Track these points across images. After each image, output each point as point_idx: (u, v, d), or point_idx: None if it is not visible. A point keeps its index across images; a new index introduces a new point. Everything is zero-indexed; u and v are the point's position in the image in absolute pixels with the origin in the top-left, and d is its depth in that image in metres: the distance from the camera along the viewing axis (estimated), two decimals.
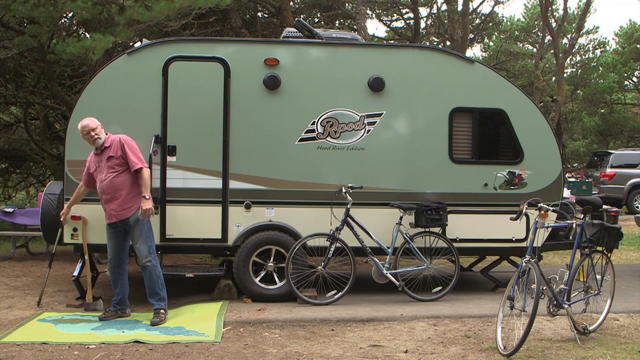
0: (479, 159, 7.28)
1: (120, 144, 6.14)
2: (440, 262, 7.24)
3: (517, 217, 5.58)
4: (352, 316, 6.19)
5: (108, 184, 6.08)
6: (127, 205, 6.10)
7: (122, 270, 6.33)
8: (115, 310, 6.29)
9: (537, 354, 5.11)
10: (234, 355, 5.10)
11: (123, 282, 6.34)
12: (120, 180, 6.09)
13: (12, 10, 8.45)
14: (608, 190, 16.96)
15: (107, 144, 6.16)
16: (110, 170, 6.10)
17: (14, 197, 21.07)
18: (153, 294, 6.21)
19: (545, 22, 22.50)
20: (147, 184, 6.12)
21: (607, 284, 5.93)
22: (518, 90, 7.52)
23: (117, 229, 6.20)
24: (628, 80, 34.22)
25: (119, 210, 6.09)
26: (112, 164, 6.11)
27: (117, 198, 6.08)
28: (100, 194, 6.17)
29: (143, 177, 6.12)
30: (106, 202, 6.13)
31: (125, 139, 6.19)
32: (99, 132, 6.13)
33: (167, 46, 6.96)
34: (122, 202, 6.08)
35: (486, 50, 34.05)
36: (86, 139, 6.16)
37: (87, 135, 6.12)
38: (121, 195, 6.08)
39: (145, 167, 6.16)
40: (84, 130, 6.13)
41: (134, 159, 6.11)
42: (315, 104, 7.06)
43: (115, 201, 6.08)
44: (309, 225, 6.89)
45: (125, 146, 6.13)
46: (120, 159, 6.11)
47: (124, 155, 6.11)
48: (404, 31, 23.42)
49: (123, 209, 6.09)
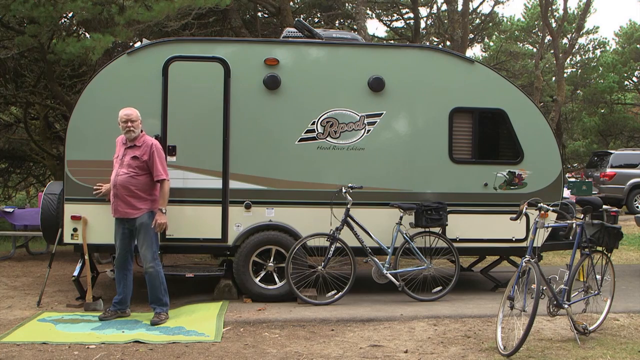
0: (479, 159, 7.28)
1: (150, 150, 6.11)
2: (440, 262, 7.24)
3: (517, 217, 5.58)
4: (352, 316, 6.19)
5: (123, 181, 6.07)
6: (134, 206, 6.09)
7: (127, 271, 6.32)
8: (115, 310, 6.28)
9: (537, 354, 5.11)
10: (234, 355, 5.10)
11: (127, 283, 6.33)
12: (136, 182, 6.08)
13: (12, 10, 8.44)
14: (608, 190, 16.96)
15: (138, 142, 6.14)
16: (130, 169, 6.08)
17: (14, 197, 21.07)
18: (156, 299, 6.20)
19: (545, 22, 22.51)
20: (166, 197, 6.17)
21: (607, 284, 5.93)
22: (518, 90, 7.52)
23: (124, 228, 6.18)
24: (628, 80, 34.22)
25: (125, 208, 6.09)
26: (134, 165, 6.09)
27: (127, 197, 6.08)
28: (112, 185, 6.15)
29: (164, 190, 6.15)
30: (114, 196, 6.12)
31: (157, 147, 6.18)
32: (135, 126, 6.10)
33: (167, 46, 6.96)
34: (130, 202, 6.08)
35: (486, 50, 34.06)
36: (121, 126, 6.13)
37: (123, 123, 6.10)
38: (131, 196, 6.08)
39: (167, 180, 6.18)
40: (122, 118, 6.11)
41: (160, 169, 6.12)
42: (315, 104, 7.06)
43: (123, 199, 6.08)
44: (309, 225, 6.89)
45: (155, 154, 6.11)
46: (145, 164, 6.10)
47: (150, 162, 6.10)
48: (404, 31, 23.41)
49: (129, 209, 6.09)
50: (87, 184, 6.72)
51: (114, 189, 6.11)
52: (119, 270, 6.28)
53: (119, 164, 6.15)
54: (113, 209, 6.15)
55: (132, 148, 6.14)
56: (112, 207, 6.17)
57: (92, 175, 6.71)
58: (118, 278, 6.29)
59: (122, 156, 6.16)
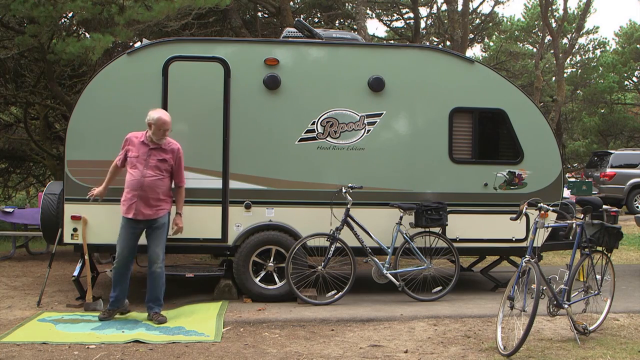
0: (479, 159, 7.28)
1: (177, 155, 6.25)
2: (440, 262, 7.24)
3: (517, 217, 5.58)
4: (352, 316, 6.19)
5: (150, 183, 6.08)
6: (158, 207, 6.14)
7: (128, 271, 6.30)
8: (112, 309, 6.23)
9: (537, 354, 5.11)
10: (234, 355, 5.10)
11: (125, 284, 6.27)
12: (162, 185, 6.15)
13: (12, 10, 8.44)
14: (608, 190, 16.97)
15: (165, 145, 6.18)
16: (157, 172, 6.11)
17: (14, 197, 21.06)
18: (155, 298, 6.20)
19: (545, 22, 22.51)
20: (183, 201, 6.37)
21: (607, 284, 5.93)
22: (518, 90, 7.52)
23: (136, 229, 6.14)
24: (628, 80, 34.25)
25: (147, 209, 6.09)
26: (161, 167, 6.14)
27: (153, 199, 6.10)
28: (136, 187, 6.07)
29: (182, 195, 6.38)
30: (139, 198, 6.07)
31: (182, 153, 6.30)
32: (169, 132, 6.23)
33: (167, 46, 6.96)
34: (154, 204, 6.11)
35: (486, 50, 34.08)
36: (155, 129, 6.10)
37: (161, 129, 6.11)
38: (157, 198, 6.11)
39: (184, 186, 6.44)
40: (164, 125, 6.11)
41: (182, 176, 6.35)
42: (315, 104, 7.06)
43: (149, 201, 6.08)
44: (309, 225, 6.89)
45: (181, 159, 6.28)
46: (170, 168, 6.20)
47: (175, 167, 6.22)
48: (404, 31, 23.41)
49: (152, 210, 6.10)
50: (87, 184, 6.71)
51: (139, 190, 6.05)
52: (121, 271, 6.20)
53: (142, 164, 6.10)
54: (133, 209, 6.07)
55: (158, 150, 6.15)
56: (127, 207, 6.09)
57: (92, 175, 6.71)
58: (117, 278, 6.21)
59: (146, 157, 6.12)
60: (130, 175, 6.13)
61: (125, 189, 6.15)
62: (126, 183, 6.15)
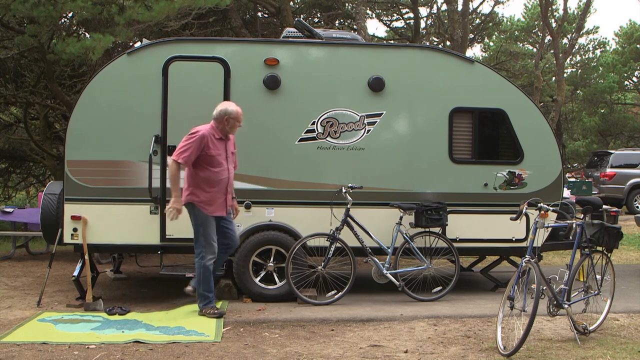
0: (479, 159, 7.28)
1: (234, 145, 6.38)
2: (440, 262, 7.24)
3: (517, 217, 5.58)
4: (352, 316, 6.19)
5: (231, 178, 6.28)
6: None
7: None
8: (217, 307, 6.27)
9: (537, 354, 5.11)
10: (234, 355, 5.10)
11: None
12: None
13: (12, 10, 8.44)
14: (608, 190, 16.97)
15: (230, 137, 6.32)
16: (231, 165, 6.30)
17: (14, 197, 21.06)
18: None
19: (545, 22, 22.50)
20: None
21: (607, 284, 5.93)
22: (518, 90, 7.52)
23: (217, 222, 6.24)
24: (628, 80, 34.25)
25: (230, 202, 6.29)
26: (232, 160, 6.34)
27: (229, 193, 6.27)
28: (224, 184, 6.17)
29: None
30: (228, 194, 6.24)
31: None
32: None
33: (167, 46, 6.95)
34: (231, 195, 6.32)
35: (486, 50, 34.06)
36: (234, 122, 6.18)
37: (238, 121, 6.22)
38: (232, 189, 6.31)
39: None
40: (238, 118, 6.20)
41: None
42: (315, 104, 7.06)
43: (230, 194, 6.26)
44: (309, 225, 6.88)
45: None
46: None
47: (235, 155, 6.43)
48: (404, 31, 23.40)
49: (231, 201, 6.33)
50: (87, 184, 6.72)
51: (227, 186, 6.20)
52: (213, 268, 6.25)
53: (225, 161, 6.20)
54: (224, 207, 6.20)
55: (228, 142, 6.28)
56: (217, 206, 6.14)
57: (92, 175, 6.72)
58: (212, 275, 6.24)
59: (226, 153, 6.23)
60: (214, 174, 6.09)
61: (209, 187, 6.09)
62: (208, 181, 6.08)
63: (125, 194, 6.77)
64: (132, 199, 6.77)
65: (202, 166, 6.06)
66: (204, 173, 6.06)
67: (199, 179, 6.06)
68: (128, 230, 6.79)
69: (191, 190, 6.09)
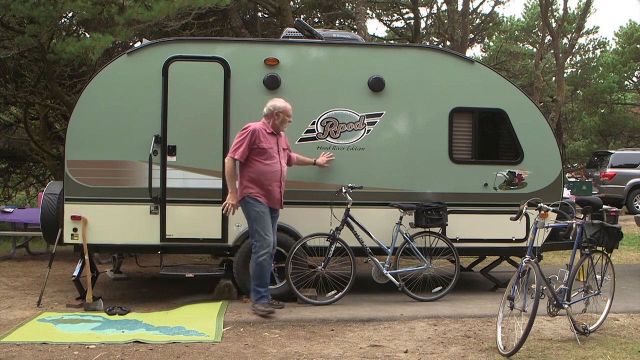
0: (479, 159, 7.28)
1: (286, 142, 6.53)
2: (440, 262, 7.24)
3: (517, 217, 5.58)
4: (352, 316, 6.19)
5: (285, 173, 6.38)
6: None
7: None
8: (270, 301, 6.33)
9: (537, 354, 5.11)
10: (234, 355, 5.10)
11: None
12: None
13: (12, 9, 8.44)
14: (608, 190, 16.98)
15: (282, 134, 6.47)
16: (284, 160, 6.41)
17: (14, 197, 21.08)
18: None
19: (545, 22, 22.50)
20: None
21: (607, 284, 5.93)
22: (518, 90, 7.51)
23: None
24: (628, 80, 34.27)
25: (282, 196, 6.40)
26: (285, 155, 6.44)
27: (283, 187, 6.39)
28: (278, 177, 6.28)
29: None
30: (282, 188, 6.34)
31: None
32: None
33: (167, 46, 6.96)
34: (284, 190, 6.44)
35: (486, 50, 34.07)
36: (284, 117, 6.31)
37: (289, 117, 6.36)
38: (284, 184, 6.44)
39: None
40: (288, 112, 6.32)
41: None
42: (315, 104, 7.06)
43: (283, 188, 6.39)
44: (309, 225, 6.88)
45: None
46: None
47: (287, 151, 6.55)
48: (404, 31, 23.40)
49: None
50: (87, 184, 6.72)
51: (281, 180, 6.31)
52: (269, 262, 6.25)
53: (278, 155, 6.31)
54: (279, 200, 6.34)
55: (280, 138, 6.40)
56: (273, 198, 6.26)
57: (92, 175, 6.72)
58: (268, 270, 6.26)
59: (278, 148, 6.33)
60: (267, 167, 6.21)
61: (263, 180, 6.20)
62: (261, 174, 6.19)
63: (125, 194, 6.77)
64: (132, 199, 6.77)
65: (256, 160, 6.20)
66: (257, 166, 6.20)
67: (253, 172, 6.20)
68: (128, 230, 6.79)
69: (245, 184, 6.23)
